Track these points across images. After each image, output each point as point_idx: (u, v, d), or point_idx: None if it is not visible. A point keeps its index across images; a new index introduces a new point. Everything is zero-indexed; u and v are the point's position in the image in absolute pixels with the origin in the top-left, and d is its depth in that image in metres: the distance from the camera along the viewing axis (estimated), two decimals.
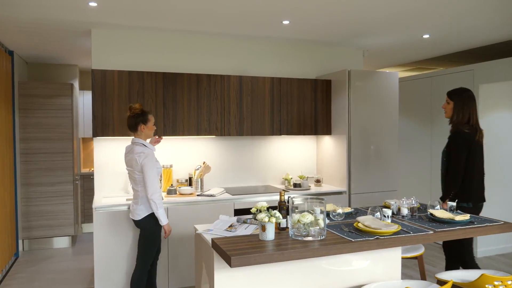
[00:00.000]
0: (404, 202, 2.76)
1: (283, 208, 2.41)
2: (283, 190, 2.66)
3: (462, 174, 2.98)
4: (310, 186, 4.34)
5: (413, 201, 2.78)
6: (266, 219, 2.14)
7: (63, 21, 3.66)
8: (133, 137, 3.08)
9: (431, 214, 2.68)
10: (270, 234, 2.18)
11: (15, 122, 4.90)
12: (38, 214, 5.17)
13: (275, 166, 4.64)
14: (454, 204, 2.84)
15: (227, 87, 4.07)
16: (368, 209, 2.62)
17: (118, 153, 3.99)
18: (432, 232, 2.37)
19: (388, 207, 2.92)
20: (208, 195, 3.82)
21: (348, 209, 2.83)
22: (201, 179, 4.08)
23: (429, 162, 5.36)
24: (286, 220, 2.36)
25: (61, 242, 5.32)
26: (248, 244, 2.13)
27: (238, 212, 3.79)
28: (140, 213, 3.00)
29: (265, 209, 2.24)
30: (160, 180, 3.34)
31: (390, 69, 6.51)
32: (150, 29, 4.00)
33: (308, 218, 2.17)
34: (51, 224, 5.24)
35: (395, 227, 2.32)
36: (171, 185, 3.92)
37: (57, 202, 5.24)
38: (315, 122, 4.43)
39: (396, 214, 2.81)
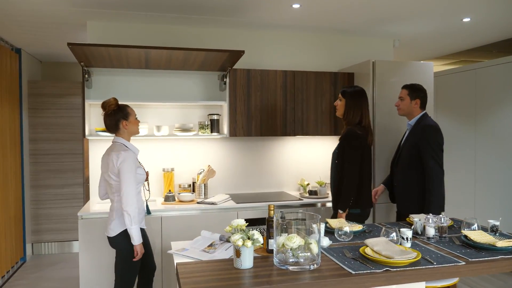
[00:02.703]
0: (431, 219, 2.18)
1: (272, 226, 1.94)
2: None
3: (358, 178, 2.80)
4: (328, 194, 3.82)
5: (443, 218, 2.20)
6: (240, 242, 1.69)
7: (54, 12, 3.40)
8: (114, 136, 2.64)
9: (466, 236, 2.11)
10: (246, 261, 1.71)
11: (22, 122, 4.74)
12: (47, 217, 5.00)
13: (291, 170, 4.14)
14: (498, 223, 2.24)
15: (233, 81, 3.64)
16: (383, 228, 2.09)
17: None
18: (463, 263, 1.81)
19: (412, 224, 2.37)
20: (209, 203, 3.40)
21: (359, 227, 2.30)
22: (204, 184, 3.68)
23: (473, 165, 4.65)
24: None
25: (72, 247, 5.13)
26: (218, 272, 1.69)
27: None
28: (114, 229, 2.52)
29: (243, 228, 1.78)
30: (148, 189, 2.92)
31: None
32: (147, 21, 3.64)
33: (295, 242, 1.69)
34: (61, 228, 5.05)
35: (413, 256, 1.78)
36: (169, 191, 3.55)
37: (66, 205, 5.05)
38: (335, 122, 3.89)
39: (421, 234, 2.25)
